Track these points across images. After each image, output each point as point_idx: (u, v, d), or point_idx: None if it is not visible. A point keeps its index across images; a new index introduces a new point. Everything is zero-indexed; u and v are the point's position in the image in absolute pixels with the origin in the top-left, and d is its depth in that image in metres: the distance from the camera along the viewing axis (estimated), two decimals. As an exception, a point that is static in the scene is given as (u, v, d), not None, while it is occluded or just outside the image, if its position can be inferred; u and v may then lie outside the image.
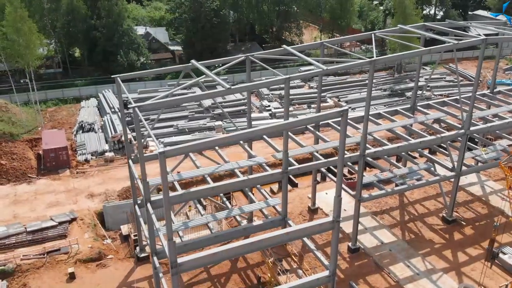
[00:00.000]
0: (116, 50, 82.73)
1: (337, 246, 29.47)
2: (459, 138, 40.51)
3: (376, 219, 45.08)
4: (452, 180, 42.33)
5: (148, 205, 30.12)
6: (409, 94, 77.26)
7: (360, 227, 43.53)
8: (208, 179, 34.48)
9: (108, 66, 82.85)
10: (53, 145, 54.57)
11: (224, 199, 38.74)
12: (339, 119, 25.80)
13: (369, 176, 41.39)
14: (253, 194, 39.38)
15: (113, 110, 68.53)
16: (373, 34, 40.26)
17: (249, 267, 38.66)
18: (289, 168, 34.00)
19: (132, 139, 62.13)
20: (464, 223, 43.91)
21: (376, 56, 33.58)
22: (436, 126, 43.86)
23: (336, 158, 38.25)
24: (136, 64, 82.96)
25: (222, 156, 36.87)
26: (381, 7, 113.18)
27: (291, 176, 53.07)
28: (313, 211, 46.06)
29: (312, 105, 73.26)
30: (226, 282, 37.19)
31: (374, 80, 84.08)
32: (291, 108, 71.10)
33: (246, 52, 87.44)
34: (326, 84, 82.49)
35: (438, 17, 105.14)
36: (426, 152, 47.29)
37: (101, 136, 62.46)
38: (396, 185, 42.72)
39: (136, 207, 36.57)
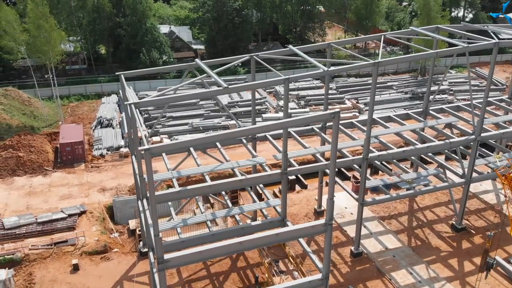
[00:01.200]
0: (139, 48, 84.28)
1: (329, 250, 29.15)
2: (471, 144, 39.39)
3: (383, 224, 44.31)
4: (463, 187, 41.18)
5: (144, 200, 30.54)
6: (431, 98, 75.41)
7: (365, 231, 43.05)
8: (207, 177, 34.66)
9: (132, 63, 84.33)
10: (70, 139, 56.04)
11: (226, 197, 38.85)
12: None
13: (374, 180, 40.73)
14: (260, 193, 39.37)
15: (131, 106, 69.73)
16: (382, 36, 39.65)
17: (248, 267, 38.72)
18: (289, 169, 33.81)
19: (146, 135, 63.44)
20: (474, 232, 42.64)
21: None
22: (447, 131, 42.74)
23: (342, 160, 37.98)
24: (158, 62, 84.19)
25: (224, 155, 36.99)
26: (410, 8, 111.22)
27: (301, 177, 53.13)
28: (319, 214, 45.69)
29: (329, 107, 72.53)
30: (224, 280, 37.34)
31: (395, 83, 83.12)
32: (307, 109, 70.77)
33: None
34: (346, 85, 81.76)
35: (467, 19, 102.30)
36: (440, 157, 46.17)
37: (118, 132, 63.75)
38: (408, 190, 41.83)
39: (139, 202, 37.13)
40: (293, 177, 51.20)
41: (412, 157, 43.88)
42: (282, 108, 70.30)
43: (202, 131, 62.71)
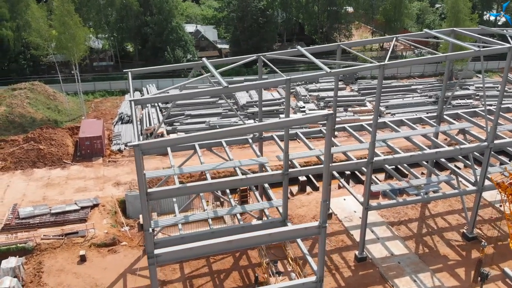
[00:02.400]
0: (164, 47, 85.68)
1: (324, 252, 29.03)
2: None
3: (392, 229, 43.54)
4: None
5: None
6: (455, 102, 73.67)
7: (372, 236, 42.49)
8: (208, 175, 35.04)
9: (157, 61, 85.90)
10: (89, 133, 57.61)
11: (230, 197, 39.14)
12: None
13: (382, 184, 40.13)
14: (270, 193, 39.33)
15: (153, 104, 71.09)
16: (395, 38, 38.98)
17: (250, 266, 38.84)
18: (290, 170, 33.75)
19: (165, 132, 64.58)
20: (485, 241, 41.28)
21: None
22: (461, 137, 41.60)
23: (346, 163, 37.63)
24: (182, 60, 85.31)
25: (228, 154, 37.27)
26: (440, 11, 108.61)
27: (312, 179, 52.84)
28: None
29: (349, 109, 71.83)
30: (225, 278, 37.61)
31: (420, 86, 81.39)
32: (326, 111, 70.15)
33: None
34: (368, 87, 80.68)
35: (500, 23, 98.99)
36: (457, 164, 45.09)
37: (138, 128, 64.95)
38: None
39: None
40: (304, 178, 51.01)
41: (424, 163, 42.96)
42: (301, 109, 70.35)
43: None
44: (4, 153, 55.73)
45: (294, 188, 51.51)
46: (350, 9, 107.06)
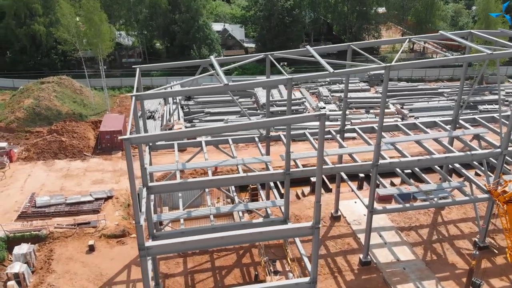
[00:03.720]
0: (191, 45, 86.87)
1: (317, 253, 28.83)
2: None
3: (401, 234, 42.69)
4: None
5: (144, 189, 31.82)
6: (482, 107, 71.34)
7: (380, 240, 41.84)
8: (209, 171, 35.41)
9: (184, 59, 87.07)
10: (110, 128, 59.17)
11: (235, 194, 39.39)
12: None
13: (390, 188, 39.41)
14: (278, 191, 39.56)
15: (174, 100, 72.32)
16: (408, 39, 38.22)
17: (252, 264, 38.94)
18: (292, 170, 33.66)
19: (183, 128, 65.48)
20: (497, 252, 39.95)
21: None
22: (475, 142, 40.34)
23: (350, 165, 37.20)
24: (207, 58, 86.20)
25: (233, 152, 37.52)
26: (473, 13, 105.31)
27: (326, 180, 52.44)
28: (335, 218, 44.90)
29: (371, 110, 70.77)
30: (226, 275, 37.90)
31: (447, 90, 79.19)
32: (347, 112, 69.19)
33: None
34: (394, 89, 79.25)
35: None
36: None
37: (158, 124, 66.31)
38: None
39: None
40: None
41: (438, 168, 41.87)
42: (321, 110, 69.78)
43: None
44: (28, 143, 58.03)
45: (307, 189, 51.35)
46: (380, 10, 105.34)
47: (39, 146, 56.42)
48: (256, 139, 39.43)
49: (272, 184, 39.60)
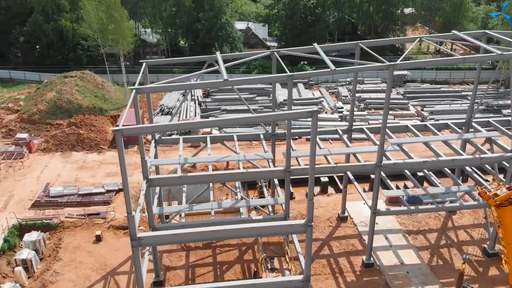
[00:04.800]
0: (213, 43, 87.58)
1: (310, 252, 28.62)
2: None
3: (408, 238, 41.85)
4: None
5: (144, 182, 32.35)
6: (506, 111, 69.05)
7: (385, 243, 41.19)
8: (210, 167, 35.68)
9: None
10: (126, 122, 60.07)
11: (239, 189, 39.55)
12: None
13: (396, 190, 38.73)
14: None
15: (193, 97, 73.14)
16: (418, 39, 37.46)
17: (253, 261, 38.96)
18: (292, 167, 33.52)
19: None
20: (507, 259, 38.55)
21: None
22: (487, 145, 39.14)
23: (352, 164, 36.76)
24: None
25: (236, 148, 37.65)
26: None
27: (337, 180, 51.98)
28: (342, 219, 44.39)
29: (391, 112, 69.57)
30: (227, 270, 38.07)
31: (471, 93, 76.81)
32: (364, 113, 68.45)
33: (341, 51, 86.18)
34: (415, 91, 77.84)
35: None
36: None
37: (175, 120, 67.14)
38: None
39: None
40: (326, 179, 50.34)
41: (448, 171, 40.84)
42: (338, 109, 69.18)
43: (250, 126, 63.66)
44: (48, 135, 59.84)
45: (316, 189, 51.00)
46: (406, 10, 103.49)
47: (57, 138, 58.10)
48: (261, 136, 39.44)
49: (276, 181, 39.52)
